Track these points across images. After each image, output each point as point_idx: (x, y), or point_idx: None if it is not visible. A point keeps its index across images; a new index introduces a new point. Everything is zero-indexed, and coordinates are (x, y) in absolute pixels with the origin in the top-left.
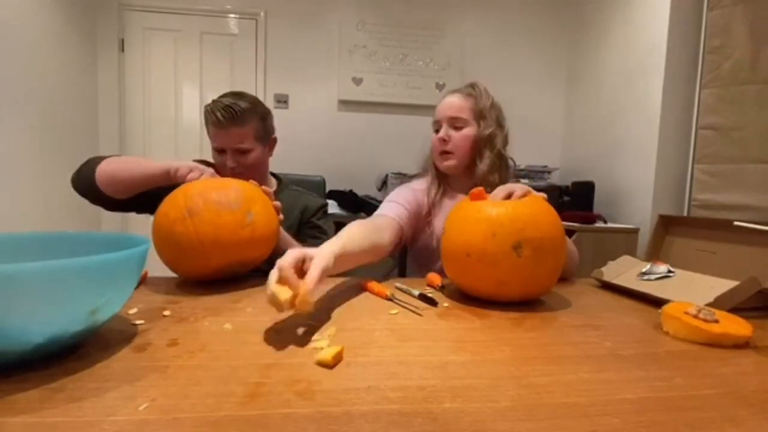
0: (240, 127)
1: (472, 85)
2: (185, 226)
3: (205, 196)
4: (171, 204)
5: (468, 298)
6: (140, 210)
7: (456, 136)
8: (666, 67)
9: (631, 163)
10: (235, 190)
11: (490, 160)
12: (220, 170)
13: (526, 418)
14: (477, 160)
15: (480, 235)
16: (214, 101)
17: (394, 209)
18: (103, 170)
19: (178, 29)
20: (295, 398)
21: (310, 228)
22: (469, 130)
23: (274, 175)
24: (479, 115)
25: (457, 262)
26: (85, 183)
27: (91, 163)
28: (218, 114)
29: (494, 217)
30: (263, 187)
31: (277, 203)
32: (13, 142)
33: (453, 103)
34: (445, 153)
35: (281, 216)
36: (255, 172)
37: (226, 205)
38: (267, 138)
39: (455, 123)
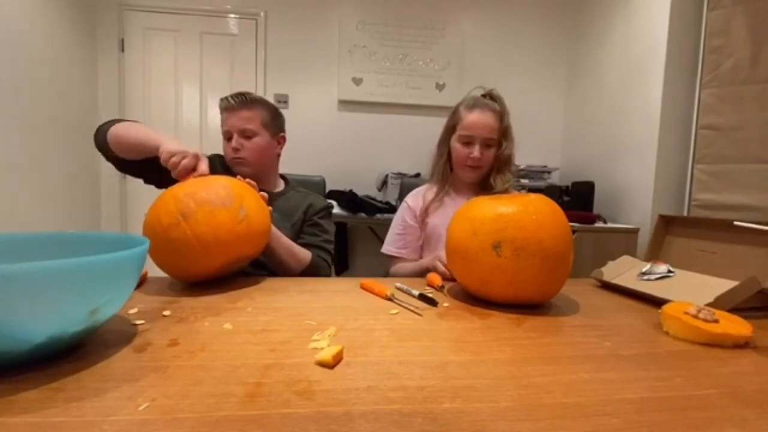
0: (248, 111)
1: (497, 99)
2: (181, 230)
3: (195, 197)
4: (162, 209)
5: (468, 298)
6: (147, 179)
7: (487, 154)
8: (666, 67)
9: (631, 163)
10: (223, 186)
11: (507, 178)
12: (226, 159)
13: (526, 418)
14: (493, 176)
15: (464, 233)
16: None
17: (402, 243)
18: (113, 131)
19: (178, 29)
20: (295, 398)
21: (309, 225)
22: (495, 148)
23: (282, 176)
24: (504, 135)
25: (450, 257)
26: (101, 141)
27: (108, 124)
28: (230, 99)
29: (477, 216)
30: (247, 180)
31: (264, 194)
32: (12, 142)
33: (488, 124)
34: (476, 167)
35: (270, 207)
36: (259, 163)
37: (218, 203)
38: (274, 130)
39: (487, 142)
